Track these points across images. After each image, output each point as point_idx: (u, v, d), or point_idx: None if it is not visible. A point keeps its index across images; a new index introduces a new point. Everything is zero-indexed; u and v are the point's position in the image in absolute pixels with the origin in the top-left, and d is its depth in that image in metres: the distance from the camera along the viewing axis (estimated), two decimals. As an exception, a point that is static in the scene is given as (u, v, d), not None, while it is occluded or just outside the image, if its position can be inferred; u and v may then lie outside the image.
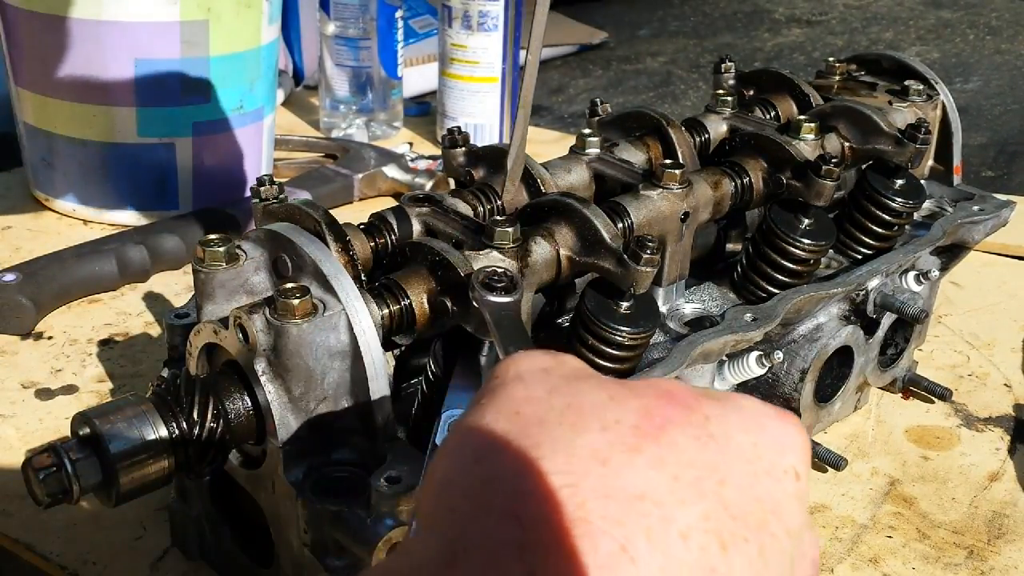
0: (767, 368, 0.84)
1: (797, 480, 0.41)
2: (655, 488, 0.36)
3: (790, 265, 0.86)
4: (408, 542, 0.39)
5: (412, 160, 1.50)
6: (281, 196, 0.74)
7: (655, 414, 0.39)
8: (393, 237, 0.76)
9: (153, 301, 1.16)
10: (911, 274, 0.96)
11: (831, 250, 0.93)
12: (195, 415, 0.63)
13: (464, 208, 0.80)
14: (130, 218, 1.31)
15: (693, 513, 0.36)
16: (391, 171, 1.46)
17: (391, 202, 1.45)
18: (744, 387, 0.92)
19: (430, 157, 1.52)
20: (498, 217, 0.74)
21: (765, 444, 0.41)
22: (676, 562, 0.35)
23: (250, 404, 0.64)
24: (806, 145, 0.89)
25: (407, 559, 0.37)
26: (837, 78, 1.06)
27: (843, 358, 0.93)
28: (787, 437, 0.42)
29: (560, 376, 0.42)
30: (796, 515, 0.40)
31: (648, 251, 0.70)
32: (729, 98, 0.98)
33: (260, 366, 0.63)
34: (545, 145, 1.66)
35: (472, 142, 0.89)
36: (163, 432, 0.62)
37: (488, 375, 0.43)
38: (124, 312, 1.14)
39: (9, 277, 1.09)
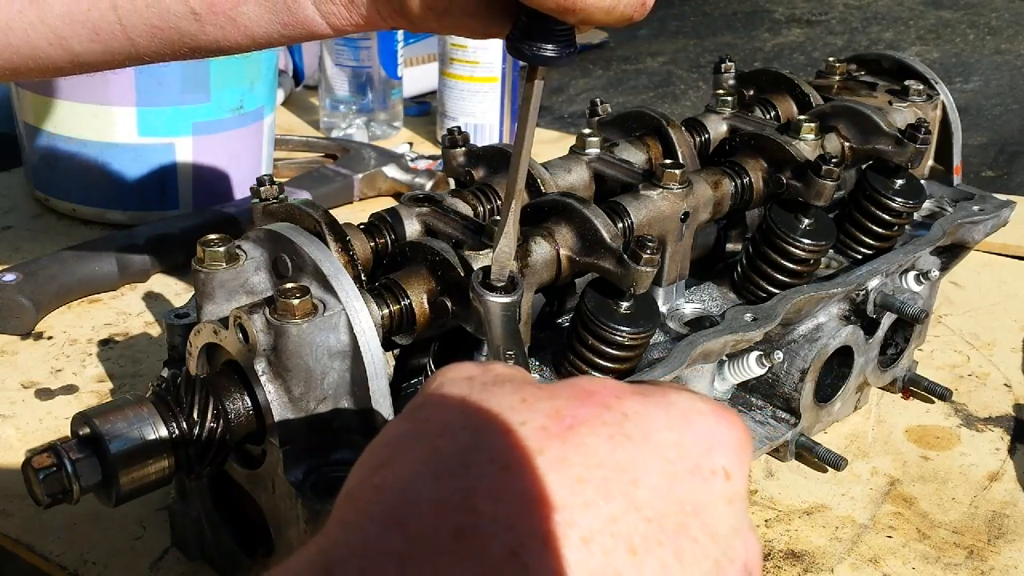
0: (767, 368, 0.84)
1: (727, 480, 0.39)
2: (556, 491, 0.35)
3: (790, 265, 0.86)
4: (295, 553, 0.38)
5: (412, 160, 1.50)
6: (281, 196, 0.74)
7: (566, 415, 0.38)
8: (393, 237, 0.76)
9: (153, 301, 1.16)
10: (911, 274, 0.96)
11: (831, 250, 0.93)
12: (195, 415, 0.63)
13: (464, 208, 0.80)
14: (130, 218, 1.31)
15: (598, 516, 0.35)
16: (391, 171, 1.47)
17: (391, 202, 1.45)
18: (744, 387, 0.92)
19: (430, 157, 1.52)
20: (498, 217, 0.74)
21: (691, 442, 0.39)
22: (574, 567, 0.34)
23: (250, 404, 0.64)
24: (806, 145, 0.89)
25: (284, 569, 0.36)
26: (837, 78, 1.06)
27: (843, 358, 0.93)
28: (718, 435, 0.40)
29: (480, 383, 0.41)
30: (724, 517, 0.38)
31: (648, 251, 0.70)
32: (729, 98, 0.98)
33: (260, 366, 0.63)
34: (545, 145, 1.66)
35: (472, 142, 0.89)
36: (163, 432, 0.62)
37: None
38: (124, 312, 1.14)
39: (9, 277, 1.09)
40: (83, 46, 0.63)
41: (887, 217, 0.94)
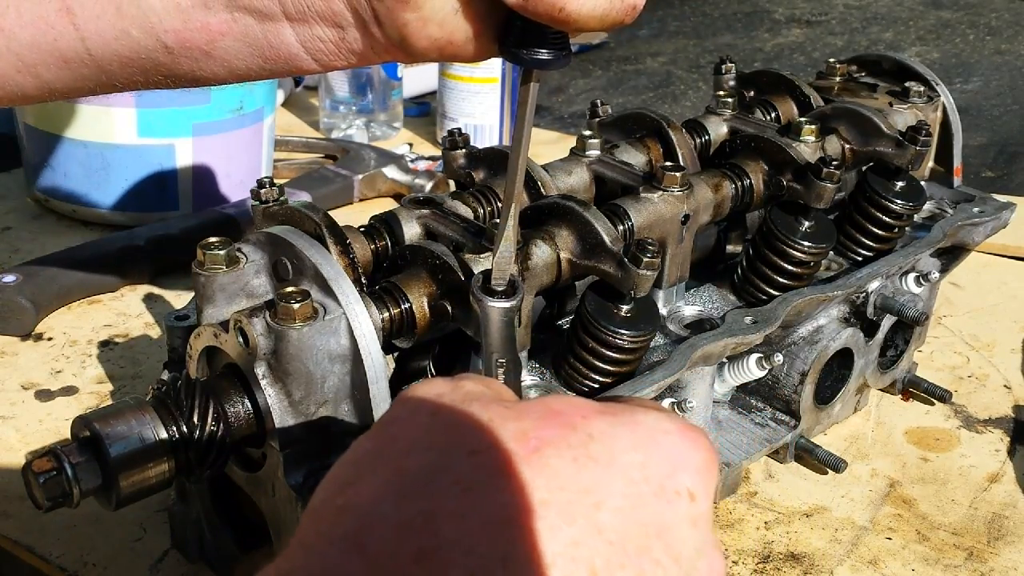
0: (767, 370, 0.84)
1: (692, 501, 0.39)
2: (520, 514, 0.35)
3: (790, 267, 0.86)
4: None
5: (412, 161, 1.50)
6: (281, 198, 0.74)
7: (531, 436, 0.38)
8: (393, 240, 0.76)
9: (153, 302, 1.16)
10: (911, 276, 0.96)
11: (831, 252, 0.93)
12: (195, 418, 0.63)
13: (464, 210, 0.80)
14: (130, 219, 1.31)
15: (560, 540, 0.35)
16: (391, 172, 1.46)
17: (391, 203, 1.45)
18: (744, 389, 0.92)
19: (430, 158, 1.52)
20: (498, 220, 0.74)
21: (656, 463, 0.39)
22: None
23: (250, 407, 0.64)
24: (806, 147, 0.89)
25: None
26: (837, 79, 1.06)
27: (843, 360, 0.93)
28: (684, 456, 0.40)
29: (449, 401, 0.41)
30: (688, 539, 0.38)
31: (648, 254, 0.70)
32: (729, 99, 0.98)
33: (260, 370, 0.63)
34: (545, 146, 1.66)
35: (472, 144, 0.89)
36: (163, 435, 0.62)
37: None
38: (124, 313, 1.14)
39: (9, 278, 1.09)
40: (52, 74, 0.61)
41: (887, 219, 0.94)
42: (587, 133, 0.90)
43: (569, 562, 0.35)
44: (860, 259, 0.95)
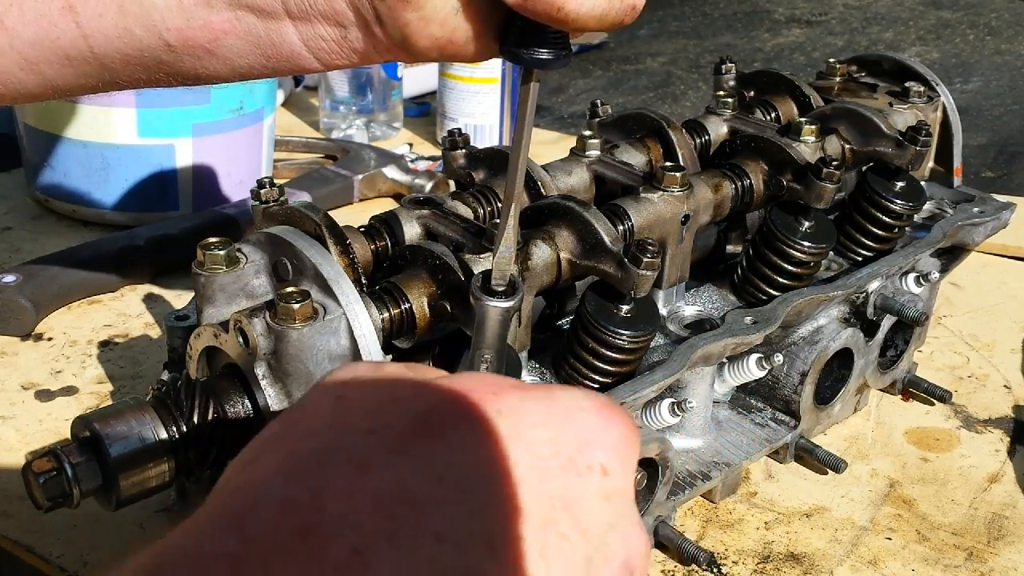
0: (767, 370, 0.84)
1: (605, 476, 0.39)
2: (413, 490, 0.35)
3: (790, 267, 0.87)
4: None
5: (412, 161, 1.50)
6: (281, 199, 0.74)
7: (435, 414, 0.38)
8: (393, 240, 0.76)
9: (153, 302, 1.16)
10: (911, 276, 0.96)
11: (831, 252, 0.93)
12: (195, 419, 0.63)
13: (464, 211, 0.80)
14: (130, 219, 1.31)
15: (456, 513, 0.35)
16: (391, 172, 1.46)
17: (391, 203, 1.45)
18: (744, 389, 0.92)
19: (430, 158, 1.52)
20: (498, 220, 0.74)
21: (567, 439, 0.39)
22: (423, 565, 0.33)
23: (250, 408, 0.64)
24: (806, 147, 0.89)
25: (118, 570, 0.34)
26: (838, 79, 1.06)
27: (843, 360, 0.93)
28: (599, 431, 0.40)
29: (361, 384, 0.41)
30: (598, 513, 0.38)
31: (648, 255, 0.70)
32: (730, 99, 0.98)
33: (260, 370, 0.63)
34: (545, 146, 1.66)
35: (472, 144, 0.89)
36: (163, 436, 0.62)
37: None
38: (124, 313, 1.14)
39: (9, 278, 1.09)
40: (55, 71, 0.61)
41: (887, 219, 0.94)
42: (587, 133, 0.90)
43: (466, 534, 0.34)
44: (860, 259, 0.95)
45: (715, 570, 0.81)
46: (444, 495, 0.35)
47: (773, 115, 1.01)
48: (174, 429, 0.62)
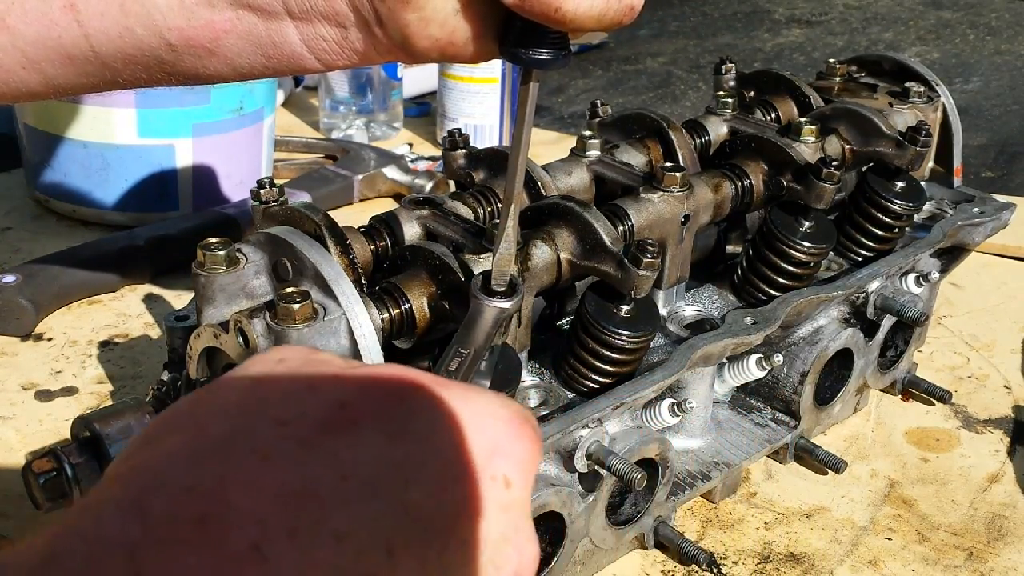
0: (767, 371, 0.84)
1: (507, 488, 0.39)
2: (317, 486, 0.34)
3: (790, 268, 0.87)
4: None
5: (412, 161, 1.50)
6: (281, 199, 0.74)
7: (349, 407, 0.37)
8: (393, 240, 0.76)
9: (153, 303, 1.16)
10: (911, 276, 0.96)
11: (831, 252, 0.93)
12: (195, 419, 0.62)
13: (464, 211, 0.80)
14: (130, 219, 1.31)
15: (359, 514, 0.34)
16: (391, 172, 1.46)
17: (391, 203, 1.45)
18: (744, 389, 0.92)
19: (430, 158, 1.52)
20: (498, 221, 0.74)
21: (476, 447, 0.39)
22: (320, 565, 0.33)
23: (250, 408, 0.64)
24: (807, 147, 0.89)
25: (13, 554, 0.33)
26: (838, 79, 1.06)
27: (843, 360, 0.93)
28: (507, 443, 0.40)
29: (276, 368, 0.40)
30: (496, 523, 0.38)
31: (648, 255, 0.70)
32: (729, 100, 0.98)
33: (260, 370, 0.63)
34: (545, 146, 1.66)
35: (472, 144, 0.89)
36: (163, 436, 0.62)
37: None
38: (124, 314, 1.14)
39: (9, 278, 1.09)
40: (56, 70, 0.61)
41: (887, 219, 0.94)
42: (587, 133, 0.90)
43: (366, 537, 0.34)
44: (860, 259, 0.95)
45: (715, 570, 0.81)
46: (348, 494, 0.34)
47: (773, 115, 1.01)
48: (174, 429, 0.62)
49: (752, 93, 1.05)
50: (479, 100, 1.60)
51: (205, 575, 0.31)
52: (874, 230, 0.94)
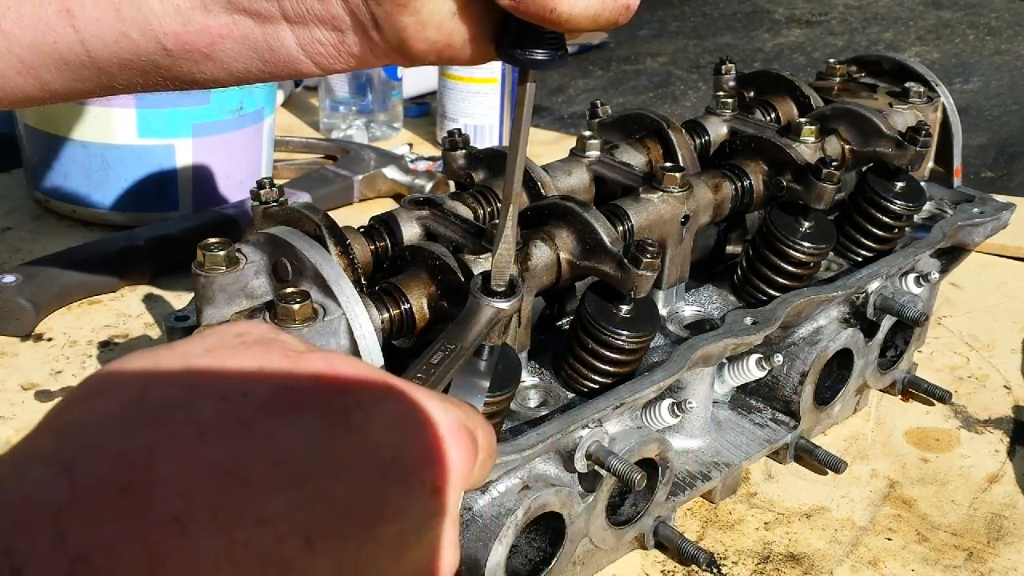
0: (767, 371, 0.84)
1: (434, 496, 0.39)
2: (248, 468, 0.34)
3: (790, 268, 0.87)
4: None
5: (412, 161, 1.50)
6: (281, 199, 0.74)
7: (297, 393, 0.37)
8: (393, 241, 0.76)
9: (153, 303, 1.16)
10: (911, 276, 0.96)
11: (831, 252, 0.93)
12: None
13: (464, 211, 0.80)
14: (130, 219, 1.31)
15: (285, 501, 0.34)
16: (391, 172, 1.46)
17: (391, 203, 1.45)
18: (744, 390, 0.92)
19: (430, 158, 1.52)
20: (498, 221, 0.74)
21: (411, 450, 0.39)
22: (240, 546, 0.33)
23: (250, 408, 0.64)
24: (806, 148, 0.89)
25: None
26: (837, 79, 1.06)
27: (843, 360, 0.93)
28: (444, 452, 0.40)
29: (237, 338, 0.40)
30: (419, 529, 0.38)
31: (648, 255, 0.70)
32: (729, 100, 0.98)
33: (260, 370, 0.63)
34: (544, 146, 1.66)
35: (472, 144, 0.89)
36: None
37: None
38: (124, 314, 1.14)
39: (9, 278, 1.09)
40: (53, 75, 0.61)
41: (887, 219, 0.94)
42: (587, 133, 0.90)
43: (287, 524, 0.34)
44: (860, 259, 0.95)
45: (715, 570, 0.81)
46: (276, 480, 0.34)
47: (773, 115, 1.01)
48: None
49: (752, 93, 1.05)
50: (479, 100, 1.60)
51: (126, 543, 0.31)
52: (874, 230, 0.94)
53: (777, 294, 0.86)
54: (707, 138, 0.96)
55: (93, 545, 0.31)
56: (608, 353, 0.74)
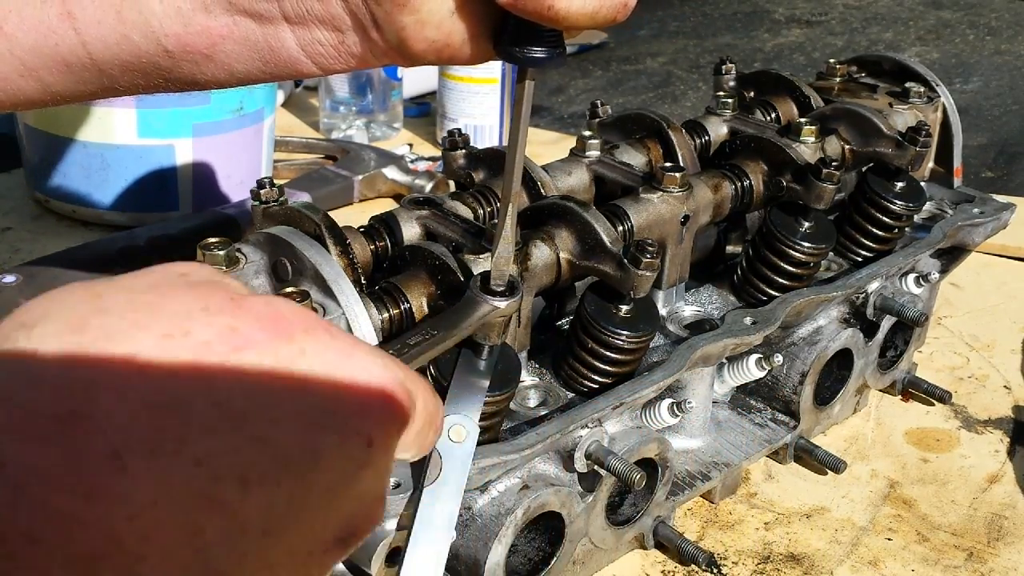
0: (767, 371, 0.84)
1: (368, 447, 0.39)
2: (187, 407, 0.34)
3: (790, 268, 0.86)
4: None
5: (412, 161, 1.50)
6: (281, 199, 0.74)
7: (240, 334, 0.37)
8: (393, 240, 0.76)
9: (153, 302, 1.16)
10: (911, 276, 0.96)
11: (831, 252, 0.93)
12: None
13: (464, 211, 0.80)
14: (130, 219, 1.31)
15: (222, 442, 0.34)
16: (391, 172, 1.46)
17: (391, 203, 1.45)
18: (744, 390, 0.92)
19: (430, 158, 1.52)
20: (497, 221, 0.74)
21: (348, 401, 0.39)
22: (177, 484, 0.33)
23: (250, 408, 0.64)
24: (806, 148, 0.89)
25: None
26: (838, 80, 1.06)
27: (843, 361, 0.93)
28: (379, 405, 0.40)
29: (185, 280, 0.40)
30: (348, 477, 0.38)
31: (648, 255, 0.70)
32: (729, 100, 0.98)
33: (260, 370, 0.63)
34: (544, 146, 1.66)
35: (472, 144, 0.89)
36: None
37: None
38: (124, 314, 1.14)
39: (9, 278, 1.09)
40: (54, 77, 0.61)
41: (887, 220, 0.94)
42: (587, 133, 0.90)
43: (223, 466, 0.34)
44: (860, 260, 0.95)
45: (715, 571, 0.81)
46: (216, 421, 0.34)
47: (773, 115, 1.01)
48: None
49: (752, 93, 1.05)
50: (479, 100, 1.60)
51: (63, 474, 0.31)
52: (874, 230, 0.94)
53: (777, 294, 0.86)
54: (707, 138, 0.96)
55: (30, 473, 0.31)
56: (608, 353, 0.74)
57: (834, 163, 0.84)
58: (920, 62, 1.08)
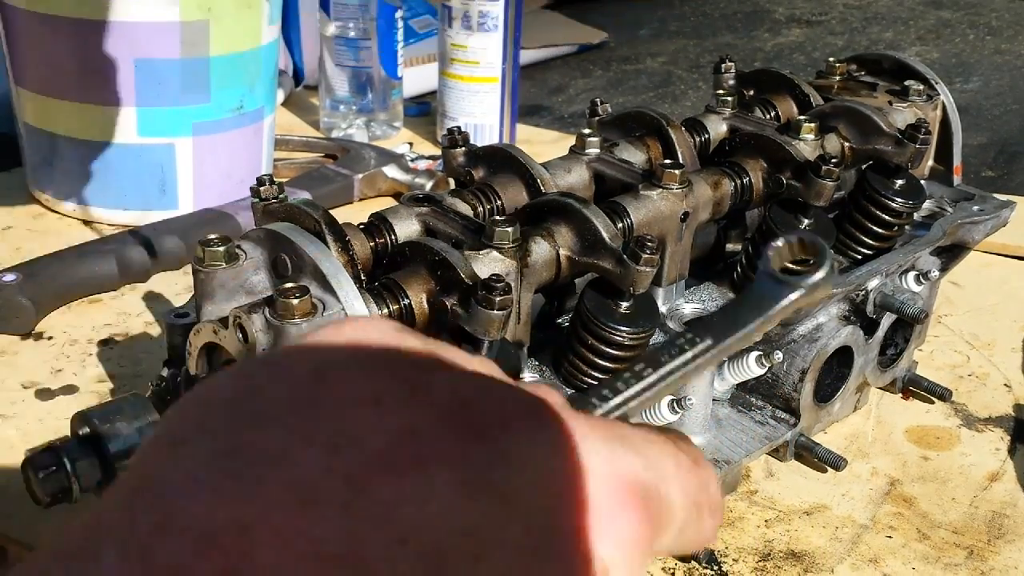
0: (767, 368, 0.84)
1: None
2: (367, 549, 0.26)
3: (790, 265, 0.86)
4: None
5: (412, 160, 1.50)
6: (281, 196, 0.74)
7: (420, 438, 0.28)
8: (393, 237, 0.76)
9: (153, 301, 1.16)
10: (911, 274, 0.96)
11: (831, 250, 0.93)
12: (195, 415, 0.62)
13: (464, 208, 0.80)
14: (130, 218, 1.31)
15: None
16: (391, 171, 1.46)
17: (391, 202, 1.45)
18: (744, 387, 0.92)
19: (430, 157, 1.52)
20: (498, 217, 0.74)
21: (573, 516, 0.30)
22: None
23: (250, 404, 0.64)
24: (806, 145, 0.89)
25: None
26: (837, 78, 1.06)
27: (843, 358, 0.93)
28: (618, 518, 0.31)
29: (354, 357, 0.31)
30: None
31: (648, 251, 0.70)
32: (729, 98, 0.98)
33: (260, 366, 0.63)
34: (545, 145, 1.66)
35: (472, 142, 0.89)
36: (163, 432, 0.62)
37: None
38: (124, 312, 1.14)
39: (9, 277, 1.09)
40: None
41: (887, 217, 0.94)
42: (587, 131, 0.90)
43: None
44: (860, 257, 0.95)
45: (715, 568, 0.81)
46: (401, 565, 0.26)
47: (773, 113, 1.01)
48: (173, 425, 0.62)
49: (752, 92, 1.05)
50: (479, 99, 1.61)
51: None
52: (874, 228, 0.94)
53: (777, 291, 0.86)
54: (707, 136, 0.96)
55: None
56: (608, 349, 0.74)
57: (833, 160, 0.84)
58: (920, 61, 1.08)
